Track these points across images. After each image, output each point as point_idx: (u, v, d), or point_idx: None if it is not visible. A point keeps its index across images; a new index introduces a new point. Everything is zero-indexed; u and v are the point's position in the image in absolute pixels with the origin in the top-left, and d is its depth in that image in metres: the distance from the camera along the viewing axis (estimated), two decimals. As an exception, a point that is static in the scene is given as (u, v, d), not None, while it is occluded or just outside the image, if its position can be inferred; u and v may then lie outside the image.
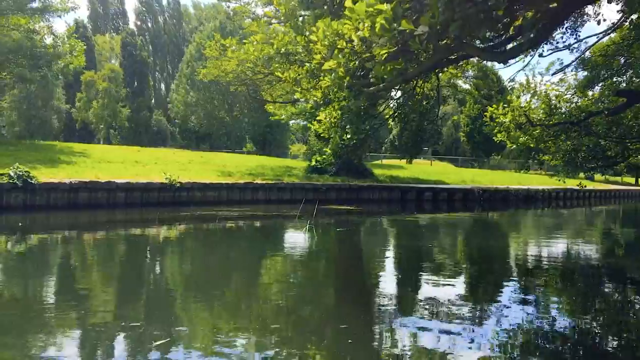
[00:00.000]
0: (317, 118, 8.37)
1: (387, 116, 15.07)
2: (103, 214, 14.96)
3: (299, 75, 7.95)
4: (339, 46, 4.68)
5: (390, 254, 11.57)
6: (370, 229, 15.99)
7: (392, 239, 14.48)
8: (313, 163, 22.71)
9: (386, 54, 4.55)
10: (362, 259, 10.88)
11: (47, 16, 26.84)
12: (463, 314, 6.31)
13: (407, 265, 10.12)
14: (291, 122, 36.30)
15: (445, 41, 4.94)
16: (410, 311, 6.46)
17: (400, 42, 4.32)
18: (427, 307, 6.64)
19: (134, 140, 55.34)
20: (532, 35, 6.57)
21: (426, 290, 7.67)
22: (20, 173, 13.86)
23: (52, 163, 19.65)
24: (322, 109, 8.57)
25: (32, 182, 14.01)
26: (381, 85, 5.96)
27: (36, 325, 5.42)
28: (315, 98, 8.23)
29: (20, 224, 12.31)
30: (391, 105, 15.85)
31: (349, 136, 8.35)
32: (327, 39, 4.92)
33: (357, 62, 5.00)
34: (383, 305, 6.79)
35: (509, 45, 7.24)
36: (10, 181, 13.64)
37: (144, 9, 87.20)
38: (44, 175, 15.99)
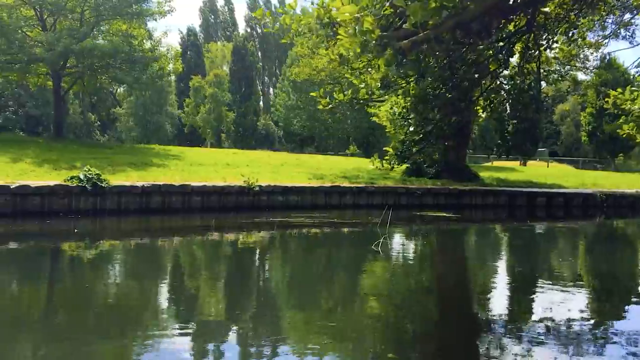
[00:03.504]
0: (382, 108, 6.77)
1: (479, 104, 12.67)
2: (177, 219, 14.20)
3: (349, 51, 6.29)
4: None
5: (496, 266, 10.31)
6: (470, 239, 14.14)
7: (496, 249, 12.72)
8: (372, 167, 20.26)
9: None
10: (462, 272, 9.76)
11: (146, 20, 27.25)
12: (583, 337, 5.68)
13: (517, 279, 8.96)
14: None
15: None
16: (521, 331, 5.83)
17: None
18: (541, 326, 5.95)
19: (242, 143, 56.20)
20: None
21: (540, 307, 6.90)
22: (90, 176, 13.34)
23: (143, 166, 19.47)
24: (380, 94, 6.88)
25: (103, 185, 13.44)
26: (421, 34, 4.17)
27: (136, 328, 5.61)
28: (372, 79, 6.56)
29: (76, 230, 11.73)
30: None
31: (411, 128, 6.58)
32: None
33: (387, 4, 3.34)
34: (490, 323, 6.17)
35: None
36: (80, 184, 13.15)
37: (253, 15, 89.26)
38: (131, 178, 15.58)
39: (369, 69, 7.44)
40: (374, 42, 4.19)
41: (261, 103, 75.36)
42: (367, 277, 8.75)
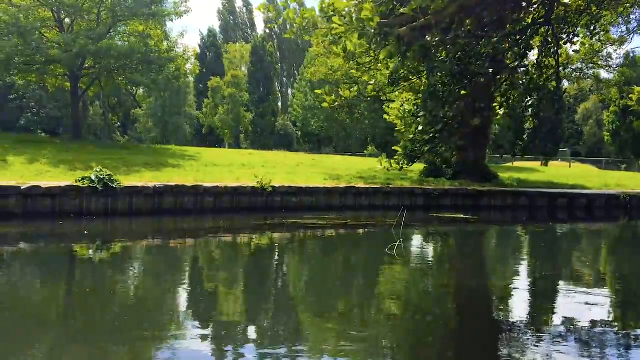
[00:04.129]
0: (392, 106, 6.48)
1: (496, 101, 12.16)
2: (189, 220, 14.03)
3: (356, 47, 5.94)
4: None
5: (515, 269, 10.07)
6: (489, 241, 13.79)
7: (516, 252, 12.31)
8: (380, 167, 19.62)
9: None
10: (480, 275, 9.52)
11: (163, 21, 27.25)
12: (606, 342, 5.51)
13: (537, 282, 8.75)
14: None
15: None
16: (542, 335, 5.68)
17: None
18: (562, 331, 5.82)
19: (260, 144, 56.12)
20: None
21: (561, 312, 6.82)
22: (102, 176, 13.22)
23: (158, 166, 19.39)
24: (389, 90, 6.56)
25: (114, 186, 13.32)
26: (423, 19, 3.83)
27: (149, 328, 5.56)
28: (382, 75, 6.24)
29: (85, 232, 11.60)
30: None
31: (420, 127, 6.25)
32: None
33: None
34: (510, 327, 6.02)
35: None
36: (91, 185, 13.04)
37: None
38: (145, 178, 15.47)
39: (378, 65, 7.15)
40: (372, 30, 3.88)
41: (279, 104, 75.29)
42: (382, 280, 8.54)
